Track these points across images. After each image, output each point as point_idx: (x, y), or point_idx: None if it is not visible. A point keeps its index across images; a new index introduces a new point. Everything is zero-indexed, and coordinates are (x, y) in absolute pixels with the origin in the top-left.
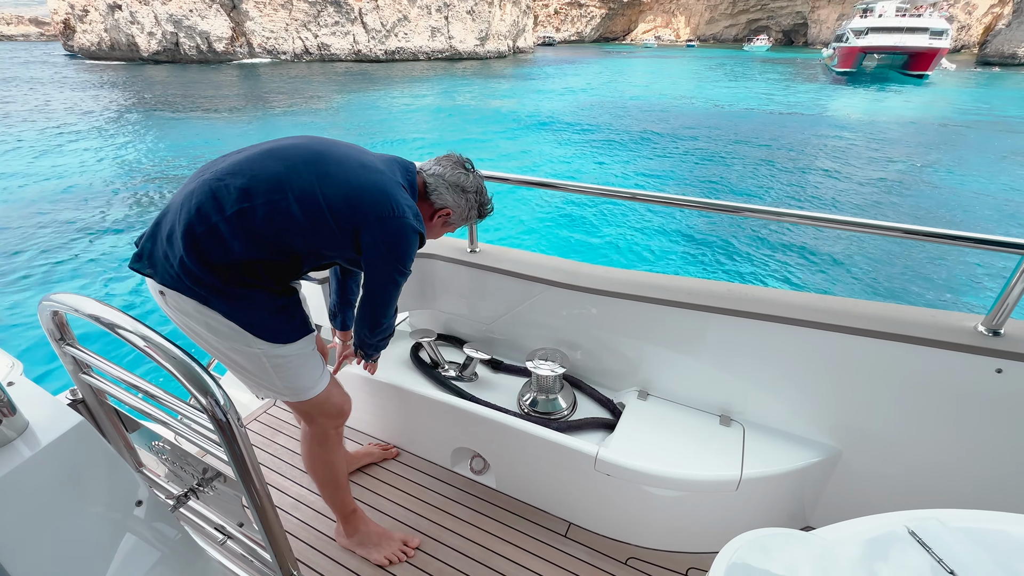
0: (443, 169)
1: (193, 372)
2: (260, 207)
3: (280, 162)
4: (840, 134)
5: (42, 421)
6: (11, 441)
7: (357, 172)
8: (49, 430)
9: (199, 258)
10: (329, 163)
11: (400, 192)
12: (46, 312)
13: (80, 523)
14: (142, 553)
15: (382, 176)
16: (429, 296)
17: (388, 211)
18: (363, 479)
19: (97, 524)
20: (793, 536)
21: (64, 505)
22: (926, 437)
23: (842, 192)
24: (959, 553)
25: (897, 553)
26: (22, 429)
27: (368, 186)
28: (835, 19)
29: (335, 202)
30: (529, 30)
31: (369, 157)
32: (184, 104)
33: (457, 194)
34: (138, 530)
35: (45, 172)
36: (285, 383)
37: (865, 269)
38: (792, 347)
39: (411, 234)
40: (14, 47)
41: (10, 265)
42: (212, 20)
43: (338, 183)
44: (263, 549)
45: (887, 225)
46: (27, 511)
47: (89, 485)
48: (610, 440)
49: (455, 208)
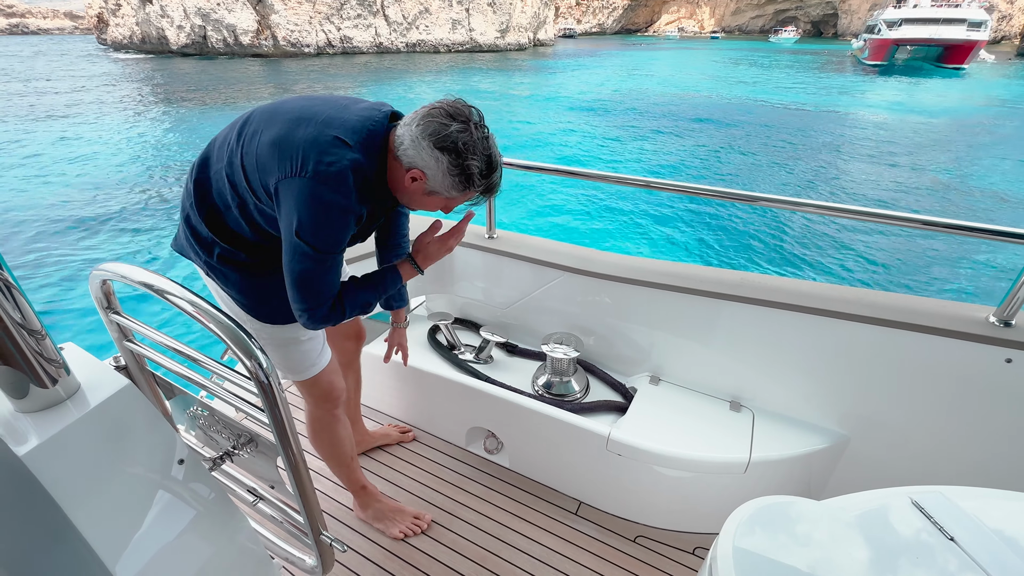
0: (418, 117)
1: (238, 336)
2: (208, 180)
3: (230, 129)
4: (868, 128)
5: (91, 384)
6: (63, 401)
7: (280, 128)
8: (97, 392)
9: (191, 235)
10: (263, 122)
11: (327, 146)
12: (96, 280)
13: (124, 480)
14: (180, 510)
15: (307, 130)
16: (446, 280)
17: (292, 168)
18: (382, 456)
19: (140, 481)
20: (800, 502)
21: (110, 462)
22: (934, 425)
23: (869, 188)
24: (959, 522)
25: (899, 520)
26: (73, 391)
27: (280, 142)
28: (867, 9)
29: (248, 164)
30: (550, 22)
31: (323, 109)
32: (219, 96)
33: (426, 150)
34: (176, 489)
35: (105, 159)
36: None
37: (884, 263)
38: (803, 335)
39: (319, 196)
40: (51, 40)
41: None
42: (239, 14)
43: (257, 143)
44: (294, 511)
45: (901, 216)
46: (79, 466)
47: (133, 444)
48: (622, 422)
49: (426, 168)
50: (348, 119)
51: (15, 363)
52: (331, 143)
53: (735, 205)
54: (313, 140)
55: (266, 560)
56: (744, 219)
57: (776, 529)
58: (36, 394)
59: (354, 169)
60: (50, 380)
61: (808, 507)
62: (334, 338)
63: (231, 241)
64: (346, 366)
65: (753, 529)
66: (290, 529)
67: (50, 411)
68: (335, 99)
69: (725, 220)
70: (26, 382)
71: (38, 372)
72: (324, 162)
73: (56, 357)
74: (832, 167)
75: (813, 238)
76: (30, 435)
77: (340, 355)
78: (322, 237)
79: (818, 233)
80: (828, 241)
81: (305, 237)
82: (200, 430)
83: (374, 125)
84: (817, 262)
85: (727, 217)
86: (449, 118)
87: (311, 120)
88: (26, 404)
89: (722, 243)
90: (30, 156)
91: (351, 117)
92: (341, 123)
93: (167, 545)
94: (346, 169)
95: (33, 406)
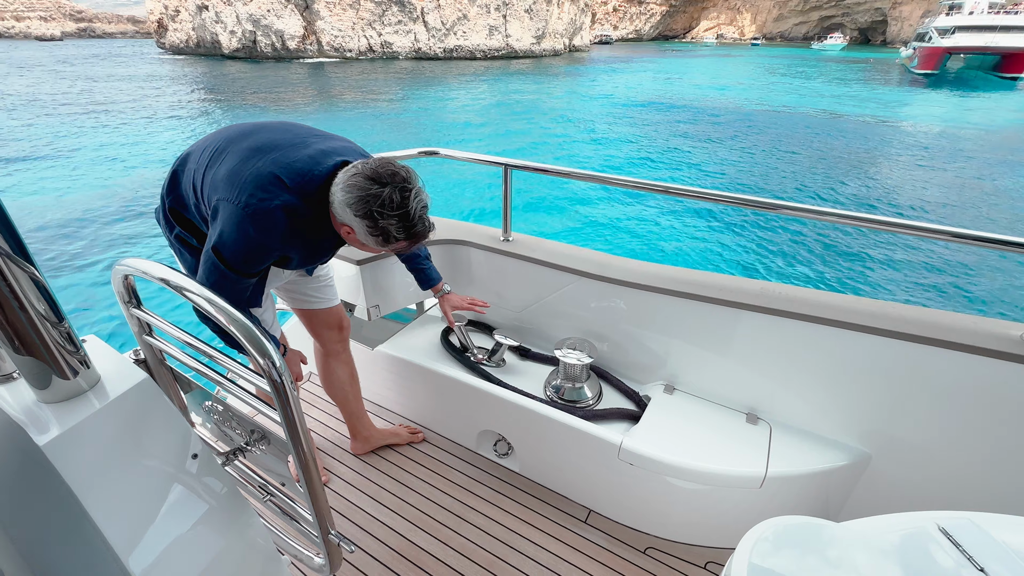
0: (345, 178)
1: (253, 334)
2: (182, 174)
3: (211, 139)
4: (916, 141)
5: (111, 376)
6: (84, 392)
7: (238, 156)
8: (117, 385)
9: (162, 210)
10: (230, 146)
11: (264, 182)
12: (119, 276)
13: (140, 471)
14: (193, 503)
15: (256, 163)
16: (461, 282)
17: (230, 194)
18: (391, 455)
19: (155, 474)
20: (820, 524)
21: (127, 454)
22: (962, 447)
23: (915, 205)
24: (990, 552)
25: (926, 548)
26: (94, 382)
27: (233, 171)
28: (919, 16)
29: (207, 180)
30: (586, 28)
31: (282, 143)
32: (276, 97)
33: (349, 214)
34: (190, 482)
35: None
36: None
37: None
38: (825, 348)
39: (243, 226)
40: (115, 43)
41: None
42: (287, 19)
43: (218, 166)
44: (303, 509)
45: (934, 228)
46: (97, 457)
47: (149, 437)
48: (635, 430)
49: (353, 226)
50: (295, 161)
51: (39, 354)
52: (270, 181)
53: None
54: (255, 175)
55: (275, 556)
56: (792, 230)
57: (794, 550)
58: (58, 385)
59: (285, 209)
60: (71, 372)
61: (826, 528)
62: (316, 327)
63: (187, 228)
64: (332, 356)
65: (771, 549)
66: (299, 526)
67: (71, 402)
68: (300, 134)
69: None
70: (49, 373)
71: (60, 364)
72: (257, 197)
73: (78, 349)
74: (874, 180)
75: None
76: (51, 425)
77: (322, 344)
78: (234, 259)
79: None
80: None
81: (220, 252)
82: (214, 425)
83: (317, 172)
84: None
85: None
86: (370, 181)
87: (265, 154)
88: (48, 395)
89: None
90: (102, 145)
91: (299, 158)
92: (288, 164)
93: (179, 537)
94: (276, 209)
95: (55, 397)
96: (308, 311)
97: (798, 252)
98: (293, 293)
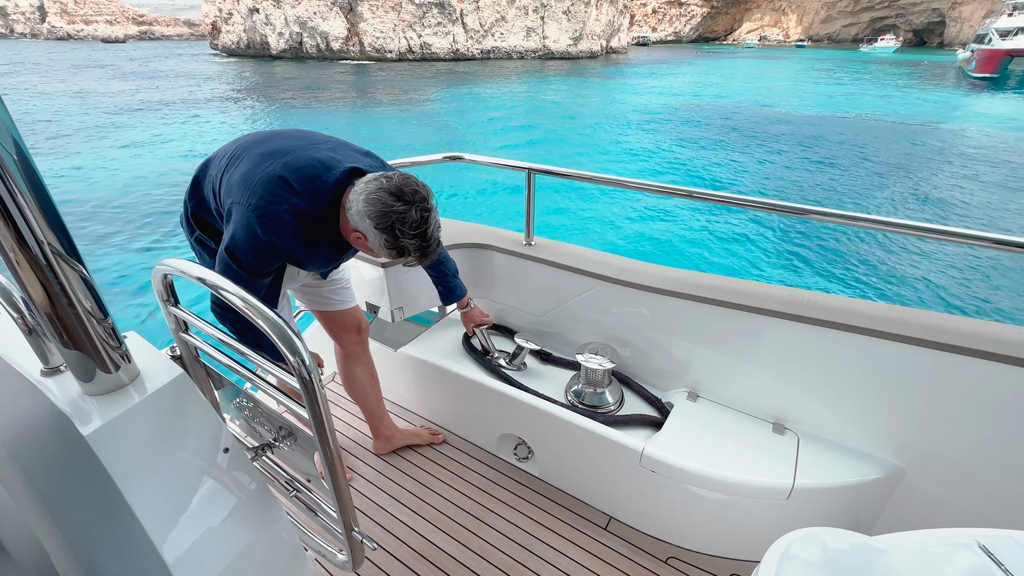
0: (367, 189)
1: (284, 333)
2: (204, 180)
3: (231, 146)
4: (974, 149)
5: (149, 371)
6: (125, 386)
7: (252, 161)
8: (155, 379)
9: (185, 214)
10: (247, 151)
11: (273, 185)
12: (159, 275)
13: (174, 463)
14: (223, 496)
15: (268, 167)
16: (483, 286)
17: (243, 197)
18: (412, 456)
19: (188, 466)
20: (850, 536)
21: (163, 446)
22: (1003, 462)
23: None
24: None
25: (964, 565)
26: (134, 377)
27: (246, 175)
28: (980, 17)
29: (224, 184)
30: (624, 29)
31: (295, 148)
32: (324, 95)
33: (368, 225)
34: (221, 476)
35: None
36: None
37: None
38: (857, 357)
39: (252, 228)
40: (173, 45)
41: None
42: (332, 21)
43: (234, 170)
44: (328, 506)
45: (968, 233)
46: (136, 448)
47: (184, 431)
48: (657, 437)
49: (367, 235)
50: (305, 165)
51: (85, 349)
52: (279, 184)
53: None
54: (265, 178)
55: (300, 551)
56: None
57: (823, 563)
58: (101, 378)
59: (294, 213)
60: (114, 366)
61: (859, 542)
62: (334, 329)
63: (207, 231)
64: (351, 358)
65: (798, 561)
66: (323, 523)
67: (113, 395)
68: (313, 140)
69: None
70: (93, 367)
71: (104, 358)
72: (266, 200)
73: (120, 344)
74: (926, 185)
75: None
76: (94, 416)
77: (342, 346)
78: (245, 259)
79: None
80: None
81: (233, 253)
82: (244, 421)
83: (327, 177)
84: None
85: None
86: (393, 198)
87: (276, 159)
88: (92, 387)
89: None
90: (167, 140)
91: (309, 163)
92: (297, 168)
93: (210, 528)
94: (283, 211)
95: (98, 389)
96: (326, 313)
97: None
98: (311, 295)
